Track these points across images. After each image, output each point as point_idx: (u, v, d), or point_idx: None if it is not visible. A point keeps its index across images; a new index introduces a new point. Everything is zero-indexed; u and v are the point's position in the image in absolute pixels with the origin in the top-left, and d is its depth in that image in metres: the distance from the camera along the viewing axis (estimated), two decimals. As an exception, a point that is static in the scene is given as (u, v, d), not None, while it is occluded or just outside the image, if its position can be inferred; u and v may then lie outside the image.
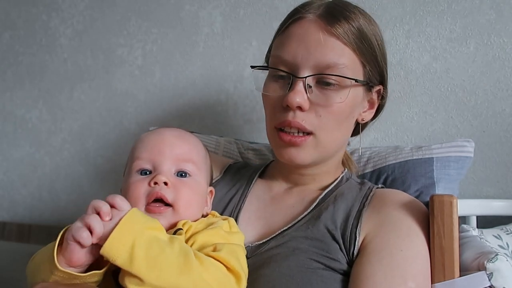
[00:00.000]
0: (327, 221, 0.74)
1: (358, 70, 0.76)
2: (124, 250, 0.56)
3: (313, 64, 0.73)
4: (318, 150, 0.76)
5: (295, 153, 0.76)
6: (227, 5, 1.32)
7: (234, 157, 1.06)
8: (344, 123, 0.77)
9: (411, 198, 0.79)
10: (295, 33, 0.76)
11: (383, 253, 0.69)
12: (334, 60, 0.72)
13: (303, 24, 0.75)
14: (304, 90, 0.73)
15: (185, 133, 0.77)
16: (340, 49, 0.73)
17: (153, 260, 0.56)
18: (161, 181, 0.67)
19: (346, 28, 0.73)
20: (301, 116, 0.73)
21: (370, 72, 0.77)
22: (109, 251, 0.56)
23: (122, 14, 1.44)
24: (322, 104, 0.73)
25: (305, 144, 0.75)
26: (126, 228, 0.57)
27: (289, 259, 0.70)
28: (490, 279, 0.72)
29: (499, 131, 1.09)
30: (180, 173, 0.71)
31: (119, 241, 0.56)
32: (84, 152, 1.47)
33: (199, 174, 0.73)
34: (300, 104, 0.72)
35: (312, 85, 0.74)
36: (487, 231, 0.90)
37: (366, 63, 0.76)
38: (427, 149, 0.93)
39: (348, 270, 0.70)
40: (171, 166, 0.70)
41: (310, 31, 0.74)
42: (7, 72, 1.58)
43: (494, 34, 1.10)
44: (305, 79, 0.73)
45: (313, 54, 0.73)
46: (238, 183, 0.87)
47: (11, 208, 1.55)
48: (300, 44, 0.74)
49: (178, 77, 1.37)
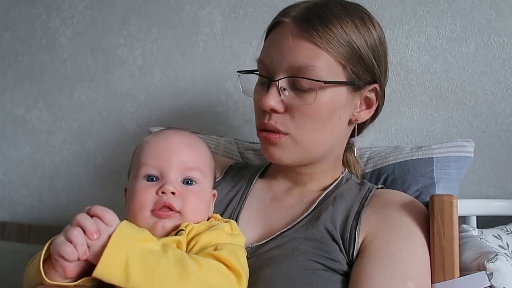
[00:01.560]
0: (326, 222, 0.74)
1: (336, 71, 0.74)
2: (118, 269, 0.55)
3: (286, 67, 0.74)
4: (297, 150, 0.77)
5: (273, 151, 0.77)
6: (227, 5, 1.32)
7: (234, 157, 1.06)
8: (325, 123, 0.76)
9: (410, 199, 0.79)
10: (273, 38, 0.78)
11: (383, 254, 0.69)
12: (305, 62, 0.72)
13: (279, 28, 0.77)
14: (277, 93, 0.74)
15: (192, 138, 0.77)
16: (312, 51, 0.73)
17: (150, 274, 0.56)
18: (169, 191, 0.68)
19: (320, 31, 0.72)
20: (276, 118, 0.75)
21: (352, 72, 0.75)
22: (102, 273, 0.55)
23: (122, 14, 1.44)
24: (295, 106, 0.74)
25: (280, 142, 0.76)
26: (117, 246, 0.56)
27: (288, 260, 0.70)
28: (490, 279, 0.72)
29: (499, 131, 1.09)
30: (186, 181, 0.71)
31: (112, 261, 0.55)
32: (84, 152, 1.47)
33: (205, 181, 0.74)
34: (273, 107, 0.74)
35: (286, 88, 0.75)
36: (487, 231, 0.90)
37: (346, 63, 0.74)
38: (427, 149, 0.93)
39: (347, 270, 0.70)
40: (178, 174, 0.71)
41: (284, 34, 0.75)
42: (7, 72, 1.58)
43: (494, 34, 1.10)
44: (278, 82, 0.74)
45: (285, 58, 0.74)
46: (239, 183, 0.87)
47: (11, 208, 1.55)
48: (276, 48, 0.76)
49: (178, 77, 1.37)
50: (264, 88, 0.76)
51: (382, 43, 0.80)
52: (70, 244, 0.57)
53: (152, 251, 0.58)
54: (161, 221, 0.68)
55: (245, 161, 1.05)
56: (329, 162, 0.83)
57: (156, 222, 0.68)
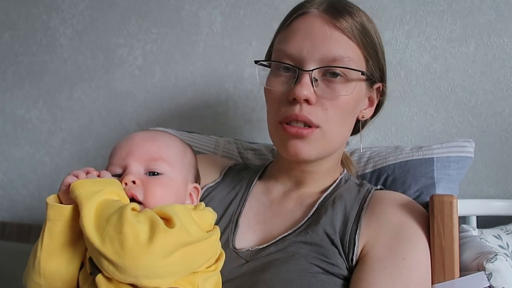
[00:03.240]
0: (326, 226, 0.74)
1: (362, 64, 0.76)
2: (90, 189, 0.62)
3: (319, 58, 0.73)
4: (323, 144, 0.76)
5: (301, 146, 0.75)
6: (227, 5, 1.32)
7: (234, 158, 1.06)
8: (349, 117, 0.77)
9: (409, 200, 0.79)
10: (299, 27, 0.76)
11: (386, 262, 0.68)
12: (340, 53, 0.73)
13: (307, 19, 0.76)
14: (310, 83, 0.73)
15: (157, 133, 0.77)
16: (345, 42, 0.74)
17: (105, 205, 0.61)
18: (129, 180, 0.68)
19: (350, 22, 0.74)
20: (308, 109, 0.73)
21: (372, 68, 0.78)
22: (76, 184, 0.63)
23: (122, 14, 1.44)
24: (329, 97, 0.73)
25: (311, 136, 0.74)
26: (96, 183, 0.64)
27: (288, 264, 0.70)
28: (490, 279, 0.72)
29: (499, 131, 1.09)
30: (151, 173, 0.71)
31: (88, 184, 0.63)
32: (84, 152, 1.47)
33: (173, 171, 0.72)
34: (307, 97, 0.72)
35: (318, 79, 0.74)
36: (487, 231, 0.90)
37: (369, 58, 0.76)
38: (427, 149, 0.93)
39: (347, 275, 0.70)
40: (139, 166, 0.70)
41: (315, 25, 0.74)
42: (7, 72, 1.58)
43: (494, 34, 1.09)
44: (311, 72, 0.73)
45: (318, 48, 0.73)
46: (238, 185, 0.86)
47: (11, 208, 1.55)
48: (305, 38, 0.74)
49: (178, 77, 1.37)
50: (288, 79, 0.75)
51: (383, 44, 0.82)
52: (73, 176, 0.67)
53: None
54: None
55: (245, 161, 1.04)
56: (333, 159, 0.83)
57: None
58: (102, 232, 0.58)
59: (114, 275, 0.57)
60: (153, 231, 0.58)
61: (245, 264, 0.72)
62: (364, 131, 0.89)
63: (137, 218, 0.59)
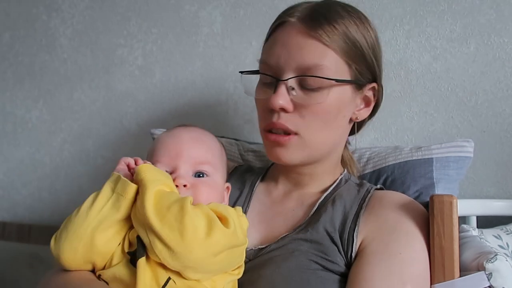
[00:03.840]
0: (326, 224, 0.75)
1: (342, 70, 0.75)
2: (155, 175, 0.66)
3: (295, 67, 0.74)
4: (305, 150, 0.77)
5: (281, 153, 0.77)
6: (227, 5, 1.32)
7: (235, 159, 1.06)
8: (332, 123, 0.77)
9: (409, 200, 0.79)
10: (279, 37, 0.77)
11: (382, 256, 0.69)
12: (314, 62, 0.73)
13: (286, 28, 0.77)
14: (286, 92, 0.74)
15: (202, 134, 0.80)
16: (321, 50, 0.73)
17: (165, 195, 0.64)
18: (181, 184, 0.71)
19: (328, 29, 0.73)
20: (285, 117, 0.75)
21: (357, 71, 0.77)
22: (143, 168, 0.66)
23: (122, 14, 1.44)
24: (306, 105, 0.74)
25: (289, 143, 0.76)
26: (159, 172, 0.68)
27: (288, 260, 0.71)
28: (490, 279, 0.72)
29: (499, 131, 1.09)
30: (198, 174, 0.74)
31: (153, 170, 0.67)
32: (84, 152, 1.47)
33: (216, 173, 0.76)
34: (283, 106, 0.74)
35: (295, 87, 0.75)
36: (487, 231, 0.90)
37: (351, 62, 0.76)
38: (427, 149, 0.93)
39: (346, 272, 0.71)
40: (189, 168, 0.74)
41: (291, 34, 0.75)
42: (7, 72, 1.58)
43: (494, 34, 1.09)
44: (286, 81, 0.74)
45: (294, 57, 0.74)
46: (242, 186, 0.88)
47: (11, 208, 1.55)
48: (282, 48, 0.75)
49: (178, 77, 1.37)
50: (270, 88, 0.77)
51: (379, 43, 0.82)
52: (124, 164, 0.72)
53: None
54: None
55: (248, 164, 1.05)
56: (330, 162, 0.83)
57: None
58: (162, 218, 0.60)
59: (164, 259, 0.60)
60: (211, 227, 0.62)
61: (248, 263, 0.74)
62: (363, 130, 0.90)
63: (196, 212, 0.62)
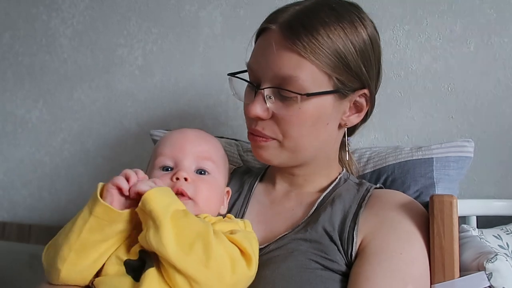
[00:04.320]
0: (325, 223, 0.75)
1: (321, 81, 0.73)
2: (163, 201, 0.61)
3: (271, 76, 0.74)
4: (284, 153, 0.78)
5: (261, 153, 0.79)
6: (227, 5, 1.32)
7: (235, 160, 1.06)
8: (311, 130, 0.76)
9: (409, 199, 0.79)
10: (260, 44, 0.78)
11: (383, 256, 0.69)
12: (289, 73, 0.72)
13: (267, 35, 0.76)
14: (263, 101, 0.74)
15: (206, 134, 0.82)
16: (296, 62, 0.72)
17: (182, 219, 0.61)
18: (182, 177, 0.71)
19: (305, 40, 0.71)
20: (262, 124, 0.76)
21: (338, 81, 0.74)
22: (149, 196, 0.61)
23: (122, 14, 1.44)
24: (281, 114, 0.74)
25: (266, 146, 0.77)
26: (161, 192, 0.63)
27: (288, 260, 0.71)
28: (490, 279, 0.72)
29: (500, 131, 1.09)
30: (199, 171, 0.75)
31: (159, 194, 0.62)
32: (84, 152, 1.47)
33: (218, 172, 0.77)
34: (258, 115, 0.75)
35: (272, 96, 0.75)
36: (487, 231, 0.90)
37: (331, 73, 0.73)
38: (427, 149, 0.93)
39: (346, 271, 0.70)
40: (192, 163, 0.74)
41: (269, 43, 0.74)
42: (7, 72, 1.58)
43: (494, 34, 1.09)
44: (263, 90, 0.74)
45: (271, 67, 0.73)
46: (241, 188, 0.88)
47: (11, 208, 1.55)
48: (261, 55, 0.76)
49: (178, 77, 1.37)
50: (252, 94, 0.77)
51: (374, 45, 0.77)
52: (124, 179, 0.66)
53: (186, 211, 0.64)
54: None
55: (245, 164, 1.05)
56: (321, 164, 0.83)
57: None
58: (185, 258, 0.59)
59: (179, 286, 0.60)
60: (234, 270, 0.62)
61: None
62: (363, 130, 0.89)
63: (220, 254, 0.62)
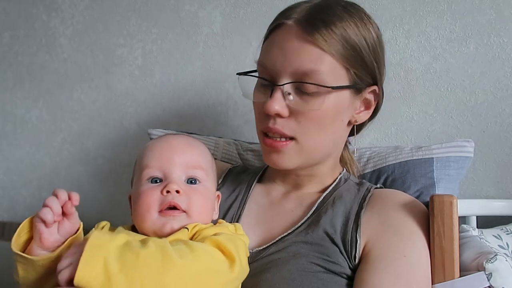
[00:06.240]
0: (326, 225, 0.74)
1: (340, 75, 0.73)
2: (98, 273, 0.53)
3: (290, 72, 0.72)
4: (302, 155, 0.76)
5: (277, 158, 0.76)
6: (227, 5, 1.32)
7: (233, 159, 1.06)
8: (329, 127, 0.76)
9: (410, 198, 0.79)
10: (275, 39, 0.76)
11: (388, 260, 0.69)
12: (310, 67, 0.71)
13: (282, 31, 0.75)
14: (282, 98, 0.73)
15: (192, 140, 0.78)
16: (318, 56, 0.71)
17: (131, 270, 0.54)
18: (173, 190, 0.69)
19: (325, 34, 0.71)
20: (281, 122, 0.74)
21: (355, 76, 0.75)
22: (82, 280, 0.52)
23: (122, 14, 1.44)
24: (301, 110, 0.73)
25: (286, 149, 0.75)
26: (93, 251, 0.54)
27: (289, 263, 0.70)
28: (489, 279, 0.72)
29: (499, 131, 1.09)
30: (190, 180, 0.72)
31: (90, 267, 0.53)
32: (84, 152, 1.47)
33: (208, 179, 0.74)
34: (278, 112, 0.73)
35: (291, 92, 0.73)
36: (487, 231, 0.90)
37: (349, 67, 0.73)
38: (427, 149, 0.93)
39: (349, 273, 0.70)
40: (181, 173, 0.71)
41: (287, 38, 0.73)
42: (7, 72, 1.58)
43: (494, 34, 1.09)
44: (282, 86, 0.73)
45: (290, 62, 0.72)
46: (238, 188, 0.87)
47: (11, 208, 1.55)
48: (279, 51, 0.74)
49: (178, 77, 1.37)
50: (266, 91, 0.75)
51: (381, 43, 0.79)
52: (48, 208, 0.61)
53: (129, 245, 0.57)
54: (169, 222, 0.68)
55: (244, 163, 1.05)
56: (328, 163, 0.83)
57: (164, 224, 0.68)
58: None
59: None
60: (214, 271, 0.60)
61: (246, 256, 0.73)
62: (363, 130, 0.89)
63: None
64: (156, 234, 0.68)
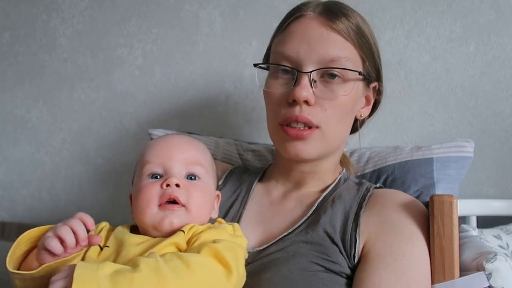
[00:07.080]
0: (325, 225, 0.74)
1: (359, 64, 0.77)
2: None
3: (316, 59, 0.74)
4: (323, 143, 0.77)
5: (301, 147, 0.76)
6: (227, 5, 1.32)
7: (233, 159, 1.06)
8: (347, 117, 0.79)
9: (410, 198, 0.79)
10: (296, 30, 0.77)
11: (387, 260, 0.69)
12: (337, 54, 0.74)
13: (303, 21, 0.77)
14: (309, 85, 0.74)
15: (192, 139, 0.80)
16: (342, 43, 0.75)
17: None
18: (173, 183, 0.69)
19: (346, 24, 0.75)
20: (307, 110, 0.74)
21: (368, 68, 0.79)
22: None
23: (122, 14, 1.44)
24: (328, 98, 0.75)
25: (311, 137, 0.76)
26: (83, 281, 0.52)
27: (289, 263, 0.70)
28: (489, 279, 0.72)
29: (499, 131, 1.09)
30: (190, 176, 0.73)
31: None
32: (84, 152, 1.47)
33: (208, 177, 0.75)
34: (307, 98, 0.73)
35: (316, 80, 0.75)
36: (487, 231, 0.90)
37: (365, 58, 0.78)
38: (427, 149, 0.93)
39: (349, 273, 0.70)
40: (182, 169, 0.72)
41: (311, 27, 0.76)
42: (7, 72, 1.58)
43: (494, 34, 1.09)
44: (310, 73, 0.74)
45: (315, 49, 0.74)
46: (239, 189, 0.87)
47: (11, 208, 1.55)
48: (302, 40, 0.75)
49: (178, 77, 1.37)
50: (288, 81, 0.76)
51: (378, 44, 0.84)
52: (57, 240, 0.61)
53: (121, 272, 0.55)
54: (168, 216, 0.68)
55: (244, 163, 1.05)
56: (334, 158, 0.84)
57: (163, 218, 0.68)
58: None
59: None
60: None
61: (247, 266, 0.72)
62: (363, 129, 0.90)
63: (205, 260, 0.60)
64: (155, 228, 0.69)
